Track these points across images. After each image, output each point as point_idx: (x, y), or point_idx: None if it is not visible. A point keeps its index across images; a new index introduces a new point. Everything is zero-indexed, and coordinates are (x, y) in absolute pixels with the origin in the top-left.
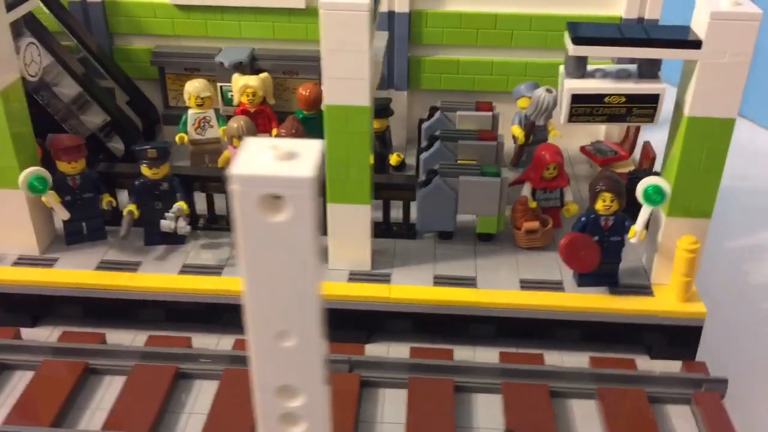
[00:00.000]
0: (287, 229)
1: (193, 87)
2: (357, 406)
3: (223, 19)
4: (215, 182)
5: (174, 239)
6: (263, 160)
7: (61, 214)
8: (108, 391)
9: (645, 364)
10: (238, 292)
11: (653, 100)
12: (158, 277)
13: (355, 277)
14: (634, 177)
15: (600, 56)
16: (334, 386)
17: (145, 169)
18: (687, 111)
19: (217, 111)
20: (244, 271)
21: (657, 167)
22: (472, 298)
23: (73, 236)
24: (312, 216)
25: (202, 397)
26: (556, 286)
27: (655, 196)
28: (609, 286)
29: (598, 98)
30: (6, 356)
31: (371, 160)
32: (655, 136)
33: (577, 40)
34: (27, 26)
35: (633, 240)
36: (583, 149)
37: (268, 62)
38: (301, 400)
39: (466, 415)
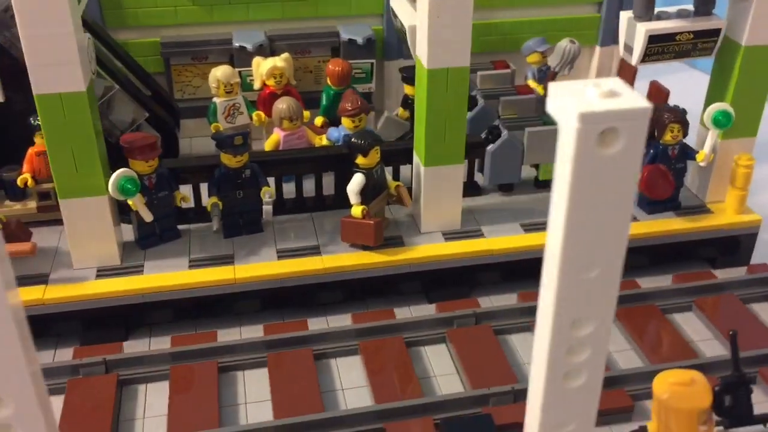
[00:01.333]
0: (617, 162)
1: (223, 73)
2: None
3: (230, 3)
4: (288, 165)
5: (252, 228)
6: (591, 98)
7: (146, 217)
8: (255, 384)
9: (718, 274)
10: (344, 269)
11: (716, 34)
12: (261, 266)
13: (449, 236)
14: None
15: None
16: None
17: (228, 158)
18: (745, 41)
19: (244, 97)
20: (566, 207)
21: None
22: None
23: (148, 239)
24: (642, 145)
25: (347, 372)
26: None
27: (725, 120)
28: (673, 210)
29: (670, 37)
30: (126, 371)
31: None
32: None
33: None
34: None
35: (702, 163)
36: None
37: (281, 43)
38: (590, 329)
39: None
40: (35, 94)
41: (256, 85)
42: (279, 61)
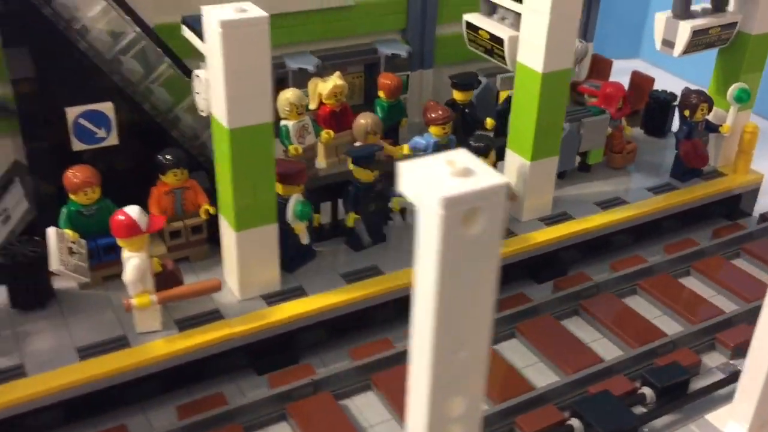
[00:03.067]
0: None
1: (295, 96)
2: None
3: (281, 27)
4: None
5: (378, 238)
6: None
7: (305, 239)
8: None
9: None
10: None
11: (733, 26)
12: (408, 272)
13: (546, 221)
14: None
15: None
16: None
17: (365, 174)
18: (754, 30)
19: (310, 116)
20: None
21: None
22: (631, 212)
23: (294, 261)
24: None
25: (520, 354)
26: (669, 187)
27: (745, 96)
28: (699, 176)
29: (705, 31)
30: (338, 388)
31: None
32: None
33: None
34: None
35: (727, 134)
36: (582, 88)
37: (324, 63)
38: None
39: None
40: (229, 128)
41: (313, 105)
42: (338, 79)
